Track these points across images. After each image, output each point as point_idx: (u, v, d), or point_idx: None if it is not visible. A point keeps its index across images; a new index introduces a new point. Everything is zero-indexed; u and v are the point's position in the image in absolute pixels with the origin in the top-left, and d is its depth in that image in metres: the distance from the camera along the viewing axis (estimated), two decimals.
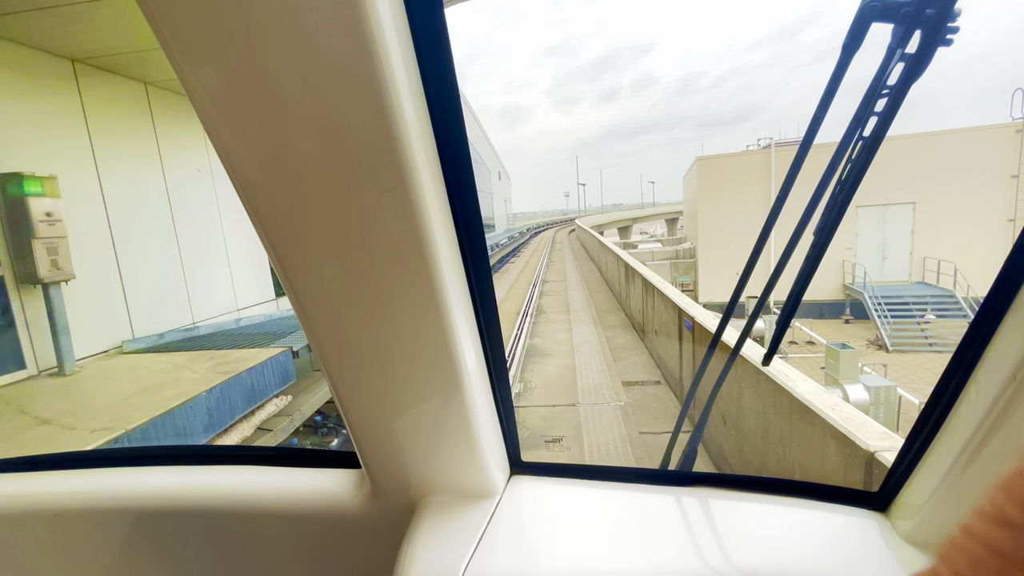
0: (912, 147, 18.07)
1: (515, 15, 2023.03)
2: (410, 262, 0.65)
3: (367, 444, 0.89)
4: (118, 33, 6.31)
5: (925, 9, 0.53)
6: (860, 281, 18.00)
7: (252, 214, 0.64)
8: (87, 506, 1.13)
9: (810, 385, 3.96)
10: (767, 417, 4.30)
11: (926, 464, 0.73)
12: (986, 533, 0.21)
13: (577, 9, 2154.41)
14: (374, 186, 0.59)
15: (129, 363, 6.55)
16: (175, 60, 0.54)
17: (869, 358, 14.32)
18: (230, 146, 0.59)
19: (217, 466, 1.16)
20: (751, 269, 0.80)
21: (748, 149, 22.62)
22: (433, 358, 0.74)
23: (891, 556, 0.75)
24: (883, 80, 0.60)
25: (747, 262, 0.80)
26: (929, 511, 0.73)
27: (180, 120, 8.53)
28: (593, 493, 0.95)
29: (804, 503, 0.87)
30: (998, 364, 0.60)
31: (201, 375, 5.72)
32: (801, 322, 17.80)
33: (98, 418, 4.63)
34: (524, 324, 12.88)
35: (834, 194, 0.69)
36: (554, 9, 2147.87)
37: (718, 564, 0.77)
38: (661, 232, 58.91)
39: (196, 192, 8.84)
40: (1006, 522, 0.20)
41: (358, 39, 0.50)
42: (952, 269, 17.12)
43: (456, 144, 0.65)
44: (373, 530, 0.99)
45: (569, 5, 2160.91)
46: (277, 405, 6.55)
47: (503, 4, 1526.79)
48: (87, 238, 6.72)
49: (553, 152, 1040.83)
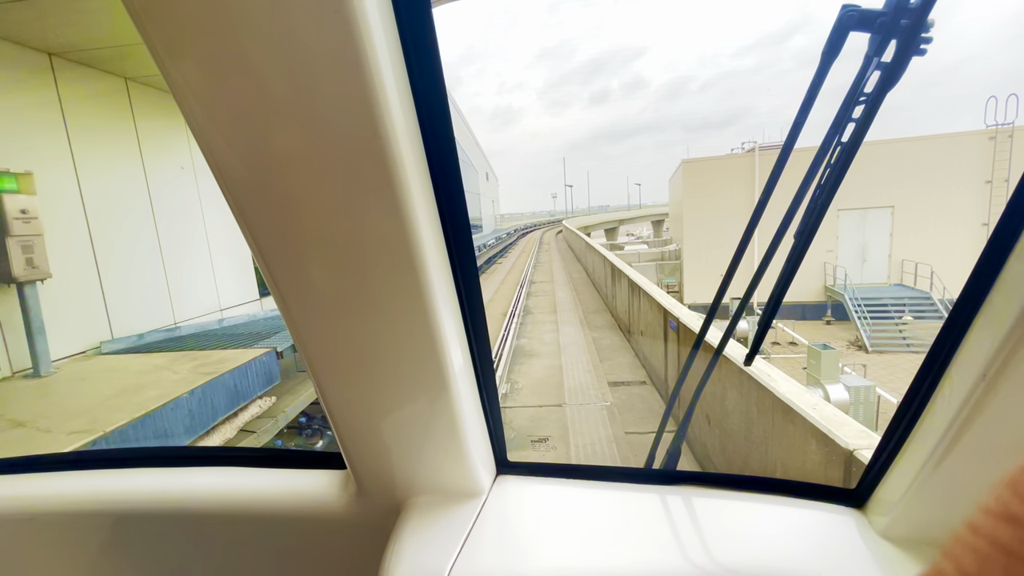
0: (891, 152, 18.49)
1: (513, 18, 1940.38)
2: (397, 261, 0.65)
3: (352, 445, 0.88)
4: (97, 27, 6.16)
5: (900, 19, 0.55)
6: (841, 283, 18.38)
7: (237, 213, 0.63)
8: (64, 509, 1.10)
9: (792, 385, 4.02)
10: (750, 417, 4.36)
11: (901, 461, 0.76)
12: (992, 529, 0.21)
13: (574, 12, 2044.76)
14: (360, 185, 0.59)
15: (107, 364, 6.40)
16: (158, 56, 0.53)
17: (850, 358, 14.60)
18: (214, 144, 0.58)
19: (199, 467, 1.14)
20: (734, 271, 0.82)
21: (733, 152, 22.91)
22: (419, 358, 0.74)
23: (867, 551, 0.77)
24: (860, 87, 0.62)
25: (730, 264, 0.81)
26: (904, 507, 0.75)
27: (162, 117, 8.37)
28: (579, 492, 0.96)
29: (784, 501, 0.89)
30: (969, 364, 0.62)
31: (182, 376, 5.61)
32: (784, 323, 18.09)
33: (75, 420, 4.52)
34: (511, 325, 12.88)
35: (814, 197, 0.70)
36: (551, 12, 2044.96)
37: (701, 561, 0.78)
38: (647, 234, 59.39)
39: (178, 190, 8.68)
40: (1012, 518, 0.20)
41: (345, 36, 0.50)
42: (929, 271, 17.56)
43: (443, 144, 0.65)
44: (358, 531, 0.98)
45: (566, 8, 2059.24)
46: (261, 407, 6.45)
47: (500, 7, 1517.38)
48: (64, 236, 6.55)
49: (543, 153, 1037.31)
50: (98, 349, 6.95)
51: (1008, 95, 17.53)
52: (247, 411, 6.19)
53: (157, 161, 8.28)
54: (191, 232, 8.97)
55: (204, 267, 9.27)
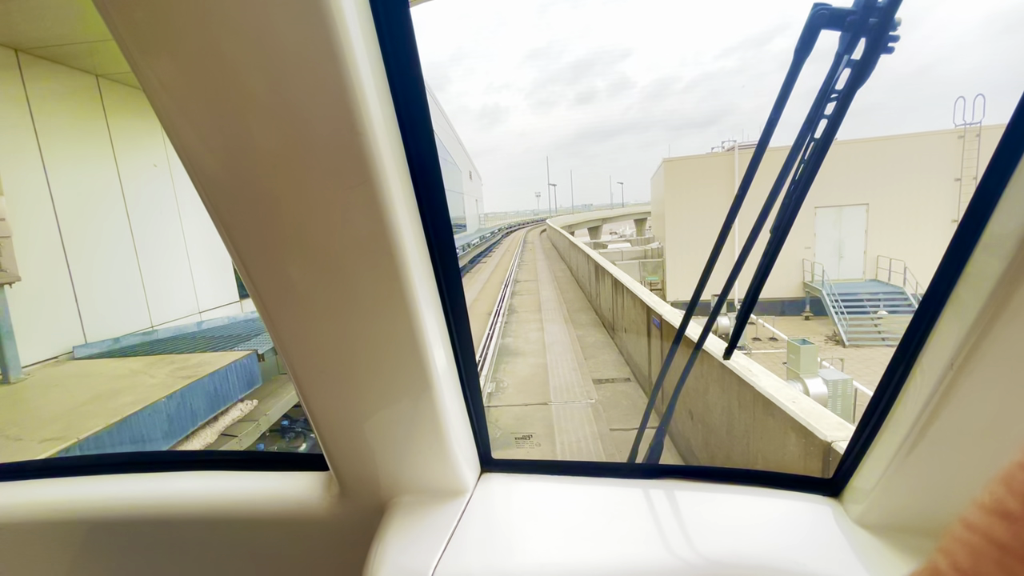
0: (866, 151, 18.94)
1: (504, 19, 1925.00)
2: (377, 260, 0.64)
3: (334, 446, 0.87)
4: (66, 22, 5.98)
5: (869, 18, 0.56)
6: (819, 279, 18.76)
7: (212, 211, 0.62)
8: (34, 518, 1.07)
9: (772, 380, 4.10)
10: (732, 411, 4.43)
11: (874, 451, 0.78)
12: (986, 525, 0.21)
13: (563, 14, 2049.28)
14: (338, 182, 0.58)
15: (80, 369, 6.22)
16: (128, 51, 0.52)
17: (828, 353, 14.94)
18: (188, 141, 0.57)
19: (178, 472, 1.11)
20: (712, 267, 0.83)
21: (713, 151, 23.23)
22: (401, 357, 0.74)
23: (843, 538, 0.79)
24: (832, 85, 0.63)
25: (707, 260, 0.82)
26: (877, 495, 0.77)
27: (135, 115, 8.16)
28: (563, 488, 0.96)
29: (764, 492, 0.91)
30: (938, 354, 0.64)
31: (160, 380, 5.49)
32: (764, 319, 18.42)
33: (47, 427, 4.38)
34: (496, 324, 12.88)
35: (789, 192, 0.72)
36: (540, 14, 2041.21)
37: (683, 552, 0.79)
38: (630, 232, 59.87)
39: (153, 189, 8.48)
40: (1006, 514, 0.20)
41: (321, 31, 0.49)
42: (902, 267, 18.05)
43: (423, 142, 0.65)
44: (342, 532, 0.98)
45: (556, 10, 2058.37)
46: (242, 410, 6.34)
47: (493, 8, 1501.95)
48: (34, 238, 6.35)
49: (529, 152, 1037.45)
50: (70, 354, 6.76)
51: (975, 95, 18.10)
52: (228, 415, 6.08)
53: (131, 160, 8.08)
54: (168, 232, 8.78)
55: (182, 268, 9.08)
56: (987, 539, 0.21)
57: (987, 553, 0.20)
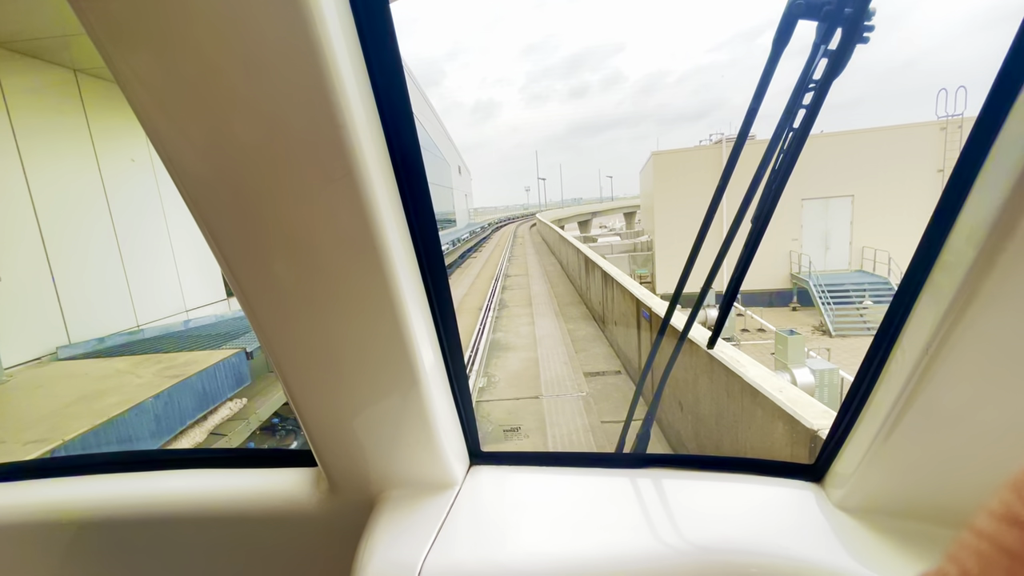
0: (851, 143, 19.12)
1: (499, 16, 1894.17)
2: (361, 254, 0.64)
3: (323, 441, 0.87)
4: (41, 15, 5.84)
5: (844, 8, 0.57)
6: (806, 271, 18.98)
7: (192, 207, 0.62)
8: (21, 520, 1.05)
9: (760, 370, 4.16)
10: (720, 402, 4.48)
11: (855, 436, 0.79)
12: (995, 532, 0.21)
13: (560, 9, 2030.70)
14: (320, 176, 0.58)
15: (64, 370, 6.12)
16: (100, 43, 0.51)
17: (814, 343, 15.14)
18: (165, 135, 0.56)
19: (165, 471, 1.11)
20: (694, 258, 0.84)
21: (701, 144, 23.33)
22: (388, 352, 0.74)
23: (824, 522, 0.80)
24: (809, 75, 0.64)
25: (690, 251, 0.83)
26: (857, 479, 0.78)
27: (116, 110, 8.00)
28: (551, 479, 0.97)
29: (748, 478, 0.92)
30: (915, 339, 0.65)
31: (147, 380, 5.42)
32: (752, 310, 18.60)
33: (31, 430, 4.31)
34: (487, 318, 12.88)
35: (769, 182, 0.73)
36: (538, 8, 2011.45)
37: (671, 539, 0.80)
38: (620, 226, 60.09)
39: (136, 186, 8.33)
40: (1016, 521, 0.20)
41: (299, 22, 0.49)
42: (887, 258, 18.32)
43: (405, 134, 0.65)
44: (332, 528, 0.98)
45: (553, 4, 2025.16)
46: (231, 409, 6.29)
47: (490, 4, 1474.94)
48: (12, 237, 6.22)
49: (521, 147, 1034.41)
50: (54, 355, 6.65)
51: (957, 87, 18.35)
52: (217, 414, 6.02)
53: (113, 157, 7.92)
54: (152, 229, 8.64)
55: (167, 266, 8.95)
56: (996, 546, 0.20)
57: (996, 560, 0.20)
